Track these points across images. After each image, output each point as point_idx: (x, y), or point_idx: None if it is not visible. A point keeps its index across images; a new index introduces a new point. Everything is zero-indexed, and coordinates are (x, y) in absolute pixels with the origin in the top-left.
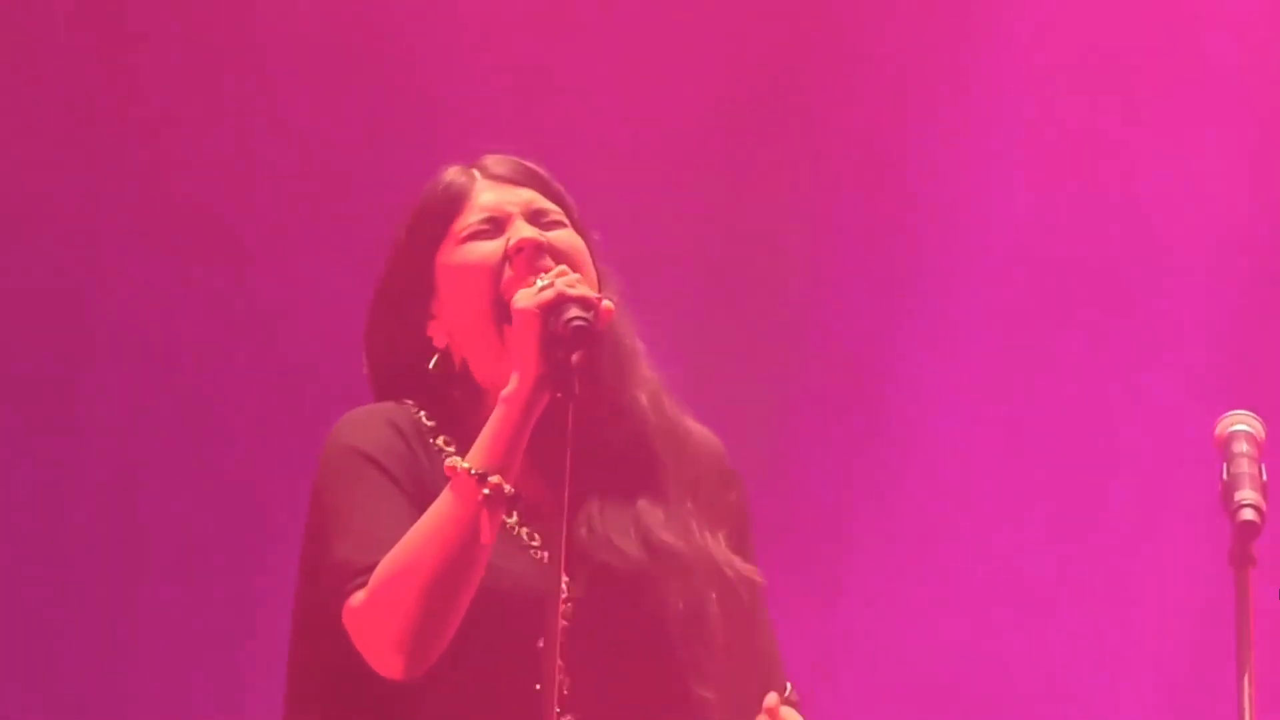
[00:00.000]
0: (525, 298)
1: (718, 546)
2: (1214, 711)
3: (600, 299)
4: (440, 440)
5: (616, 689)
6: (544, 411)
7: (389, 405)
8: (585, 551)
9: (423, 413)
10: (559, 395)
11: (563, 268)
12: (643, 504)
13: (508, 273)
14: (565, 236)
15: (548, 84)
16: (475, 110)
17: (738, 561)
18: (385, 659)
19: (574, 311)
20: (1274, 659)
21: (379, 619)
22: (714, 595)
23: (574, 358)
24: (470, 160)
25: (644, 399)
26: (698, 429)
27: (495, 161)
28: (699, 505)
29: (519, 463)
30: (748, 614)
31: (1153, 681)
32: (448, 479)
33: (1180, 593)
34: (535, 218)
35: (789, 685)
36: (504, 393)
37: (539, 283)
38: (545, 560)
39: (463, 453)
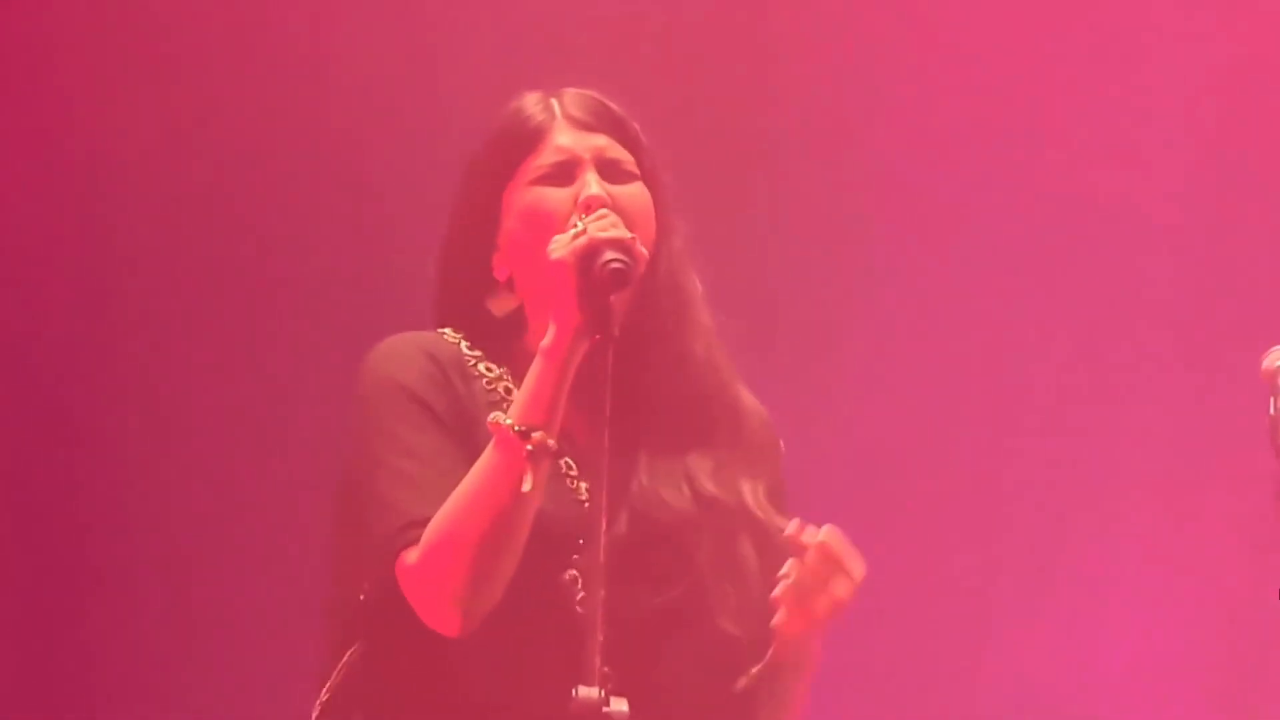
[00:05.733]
0: (559, 247)
1: (757, 497)
2: None
3: (634, 239)
4: (483, 367)
5: (647, 625)
6: (590, 355)
7: (427, 335)
8: (634, 499)
9: (464, 342)
10: (598, 338)
11: (602, 211)
12: (693, 456)
13: (574, 223)
14: (633, 191)
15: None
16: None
17: (774, 513)
18: (442, 617)
19: (609, 254)
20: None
21: (434, 579)
22: (748, 539)
23: (615, 299)
24: (550, 90)
25: (700, 349)
26: (745, 393)
27: (574, 101)
28: (744, 457)
29: (562, 414)
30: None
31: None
32: (488, 408)
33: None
34: (607, 168)
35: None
36: (542, 344)
37: (572, 230)
38: (582, 492)
39: (508, 379)
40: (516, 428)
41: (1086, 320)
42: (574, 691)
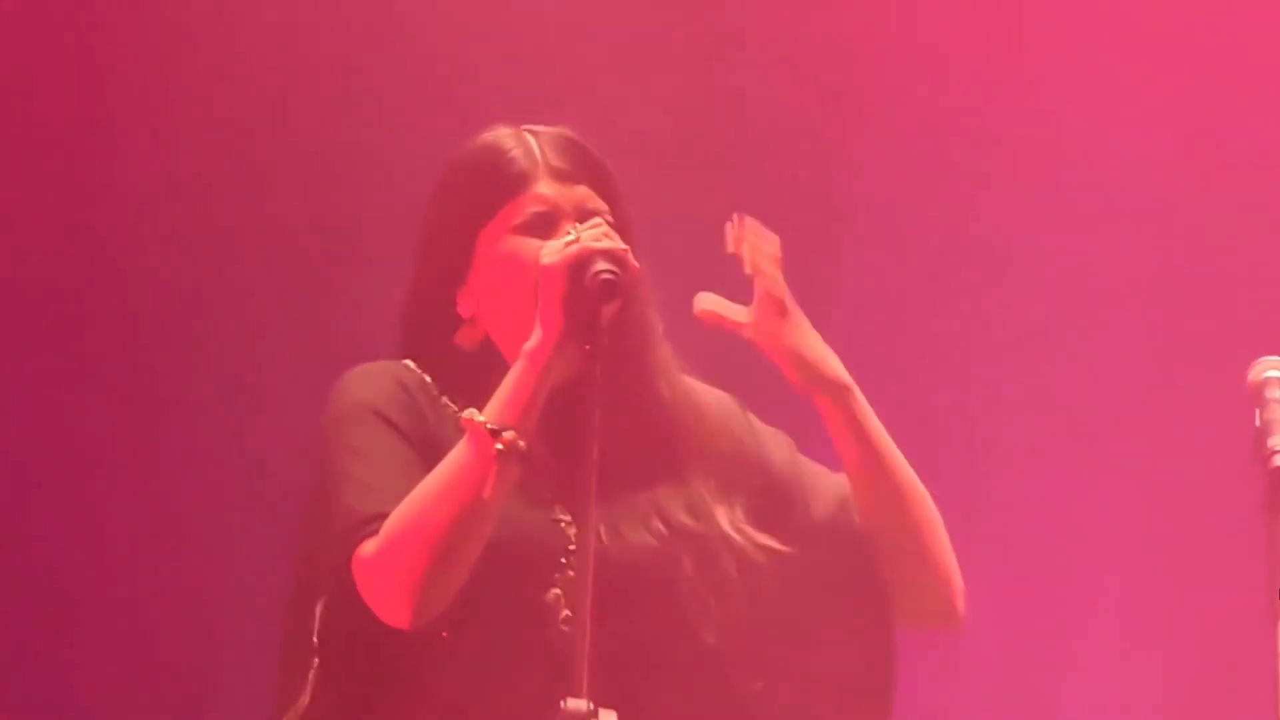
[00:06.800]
0: (551, 253)
1: (735, 521)
2: None
3: (626, 250)
4: (445, 399)
5: (626, 654)
6: (568, 381)
7: (393, 364)
8: (602, 541)
9: (427, 375)
10: (587, 348)
11: (595, 220)
12: (663, 490)
13: (567, 230)
14: None
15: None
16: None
17: (756, 532)
18: (392, 609)
19: (601, 264)
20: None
21: (388, 569)
22: (730, 559)
23: (605, 310)
24: (524, 126)
25: (664, 386)
26: (708, 395)
27: (556, 149)
28: (718, 482)
29: (535, 419)
30: (773, 580)
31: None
32: (456, 435)
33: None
34: (587, 219)
35: None
36: (526, 346)
37: (566, 237)
38: (557, 513)
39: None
40: (489, 425)
41: (1073, 329)
42: (562, 703)
